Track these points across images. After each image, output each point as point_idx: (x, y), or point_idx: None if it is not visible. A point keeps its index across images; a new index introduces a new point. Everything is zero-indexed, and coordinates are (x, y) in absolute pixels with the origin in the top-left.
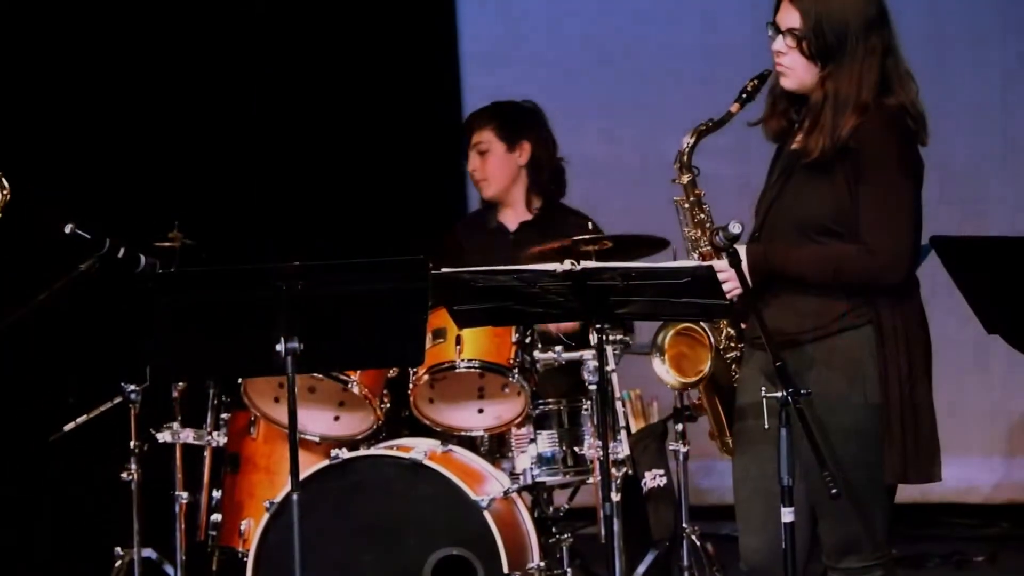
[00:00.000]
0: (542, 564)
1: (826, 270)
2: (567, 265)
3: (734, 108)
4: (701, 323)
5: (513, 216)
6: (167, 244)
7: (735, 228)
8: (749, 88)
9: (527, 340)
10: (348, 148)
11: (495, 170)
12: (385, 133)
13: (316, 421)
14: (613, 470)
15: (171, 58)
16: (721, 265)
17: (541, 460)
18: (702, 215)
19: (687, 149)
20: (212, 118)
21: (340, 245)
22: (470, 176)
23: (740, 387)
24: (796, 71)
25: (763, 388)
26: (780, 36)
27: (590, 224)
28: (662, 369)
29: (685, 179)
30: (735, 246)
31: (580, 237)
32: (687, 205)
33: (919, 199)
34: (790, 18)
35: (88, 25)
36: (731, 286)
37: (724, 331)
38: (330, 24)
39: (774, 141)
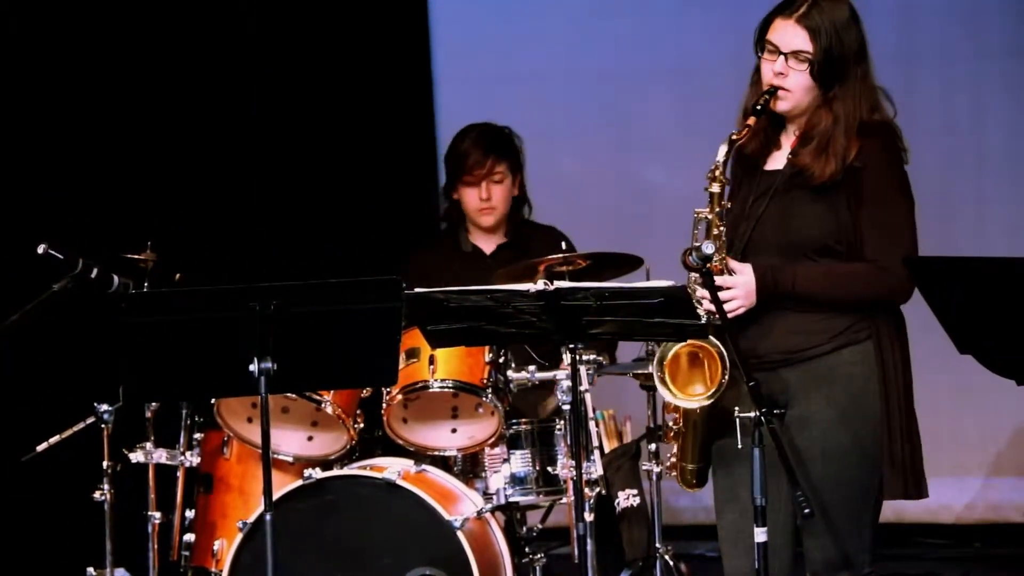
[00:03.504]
0: None
1: (840, 288)
2: (540, 285)
3: (751, 121)
4: (712, 339)
5: (488, 240)
6: (139, 257)
7: (708, 248)
8: (762, 103)
9: (501, 360)
10: (320, 168)
11: (504, 200)
12: (356, 152)
13: (289, 441)
14: (586, 490)
15: (145, 77)
16: (726, 281)
17: (514, 480)
18: (719, 230)
19: (722, 160)
20: (185, 136)
21: (313, 264)
22: (470, 206)
23: (726, 407)
24: (797, 93)
25: (736, 408)
26: (782, 57)
27: (563, 244)
28: (663, 390)
29: (716, 188)
30: (748, 263)
31: (554, 256)
32: (709, 216)
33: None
34: (795, 39)
35: (55, 42)
36: (736, 304)
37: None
38: (301, 42)
39: (747, 160)
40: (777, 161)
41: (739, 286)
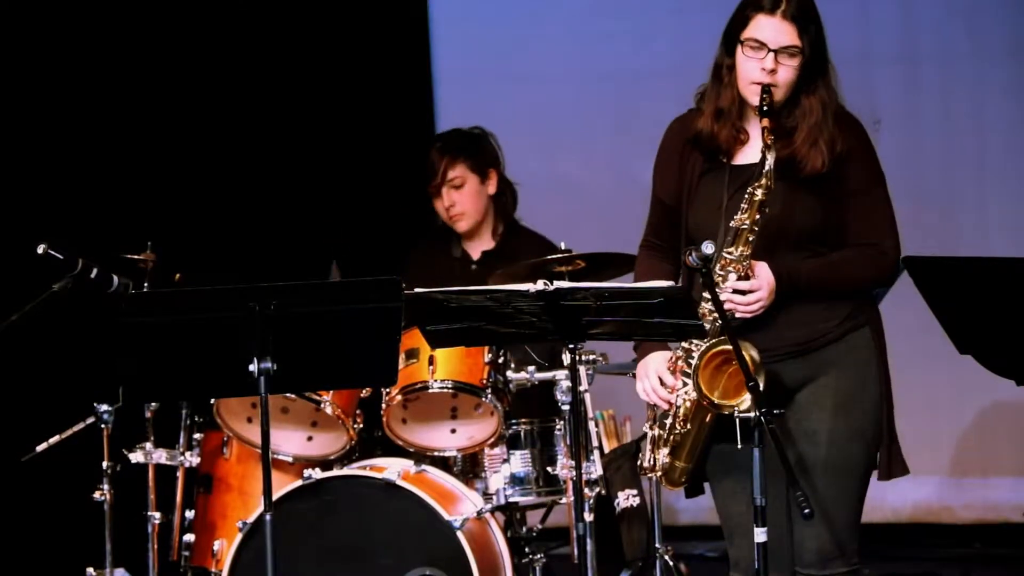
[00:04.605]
0: None
1: (844, 275)
2: (540, 285)
3: (766, 123)
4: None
5: (476, 245)
6: (138, 257)
7: (708, 248)
8: (767, 103)
9: (500, 360)
10: (320, 168)
11: (472, 203)
12: (357, 153)
13: (289, 441)
14: (586, 490)
15: (145, 77)
16: (752, 284)
17: (514, 480)
18: (753, 236)
19: (770, 167)
20: (184, 136)
21: (313, 264)
22: (442, 213)
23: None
24: (784, 89)
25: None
26: (771, 54)
27: (561, 245)
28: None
29: (760, 194)
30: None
31: (554, 256)
32: (747, 223)
33: None
34: (784, 35)
35: (54, 42)
36: (760, 306)
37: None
38: (301, 42)
39: (719, 153)
40: (747, 154)
41: (763, 288)
